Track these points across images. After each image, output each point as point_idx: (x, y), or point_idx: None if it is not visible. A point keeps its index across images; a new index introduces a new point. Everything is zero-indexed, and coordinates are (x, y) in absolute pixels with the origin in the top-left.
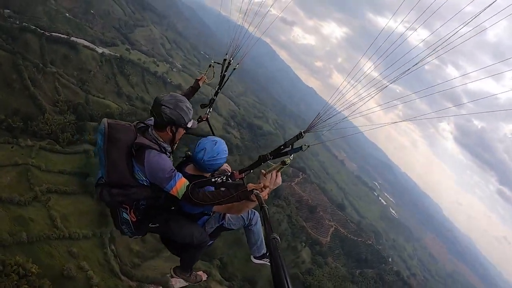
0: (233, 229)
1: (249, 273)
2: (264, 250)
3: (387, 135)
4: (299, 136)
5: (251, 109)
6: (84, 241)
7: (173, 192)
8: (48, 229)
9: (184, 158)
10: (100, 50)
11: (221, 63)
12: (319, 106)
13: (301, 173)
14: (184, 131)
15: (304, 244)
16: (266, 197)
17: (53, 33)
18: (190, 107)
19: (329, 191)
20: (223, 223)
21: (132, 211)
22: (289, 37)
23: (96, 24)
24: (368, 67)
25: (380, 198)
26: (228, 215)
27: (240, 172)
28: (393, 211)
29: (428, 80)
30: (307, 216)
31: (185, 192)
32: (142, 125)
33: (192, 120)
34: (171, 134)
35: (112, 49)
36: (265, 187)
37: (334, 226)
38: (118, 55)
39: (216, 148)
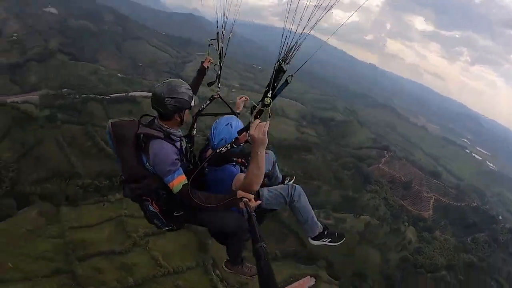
0: (275, 209)
1: (357, 267)
2: (319, 228)
3: (461, 86)
4: (280, 69)
5: (318, 103)
6: (189, 273)
7: (170, 186)
8: (152, 269)
9: (207, 142)
10: None
11: (216, 38)
12: (383, 79)
13: (385, 151)
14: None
15: (407, 224)
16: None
17: (111, 95)
18: (188, 86)
19: (419, 161)
20: (261, 204)
21: (154, 202)
22: (331, 22)
23: (148, 74)
24: (418, 22)
25: (473, 154)
26: (265, 194)
27: (240, 133)
28: (491, 164)
29: (481, 13)
30: (403, 193)
31: (180, 189)
32: (150, 118)
33: (193, 98)
34: (179, 119)
35: None
36: (251, 135)
37: (433, 197)
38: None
39: (234, 131)
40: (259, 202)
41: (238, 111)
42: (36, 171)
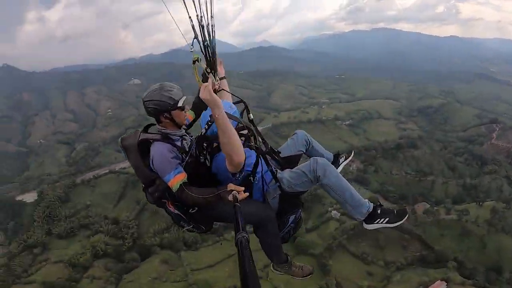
0: (302, 191)
1: (490, 261)
2: (367, 207)
3: None
4: (200, 25)
5: (411, 95)
6: None
7: (169, 185)
8: None
9: None
10: None
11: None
12: (470, 48)
13: (494, 125)
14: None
15: None
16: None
17: None
18: (171, 87)
19: None
20: (282, 188)
21: (169, 202)
22: (397, 8)
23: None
24: None
25: None
26: (285, 175)
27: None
28: None
29: None
30: None
31: (177, 189)
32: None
33: (183, 97)
34: (168, 121)
35: (263, 123)
36: (203, 100)
37: None
38: (270, 125)
39: None
40: (246, 194)
41: (223, 75)
42: (154, 224)
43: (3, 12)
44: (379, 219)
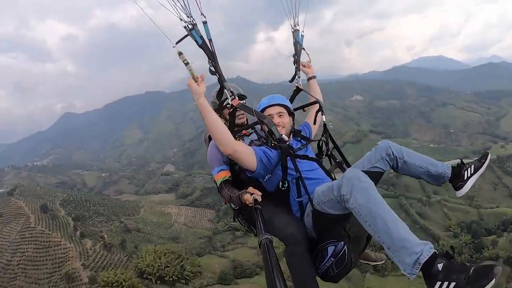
0: (333, 214)
1: None
2: (417, 254)
3: None
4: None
5: None
6: None
7: (215, 180)
8: None
9: None
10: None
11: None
12: None
13: None
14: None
15: None
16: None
17: None
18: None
19: None
20: (313, 203)
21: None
22: None
23: (462, 139)
24: None
25: None
26: (318, 189)
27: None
28: None
29: None
30: None
31: (219, 185)
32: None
33: (229, 97)
34: (224, 120)
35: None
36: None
37: None
38: (495, 156)
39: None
40: (260, 194)
41: (311, 75)
42: None
43: (241, 35)
44: (440, 283)
